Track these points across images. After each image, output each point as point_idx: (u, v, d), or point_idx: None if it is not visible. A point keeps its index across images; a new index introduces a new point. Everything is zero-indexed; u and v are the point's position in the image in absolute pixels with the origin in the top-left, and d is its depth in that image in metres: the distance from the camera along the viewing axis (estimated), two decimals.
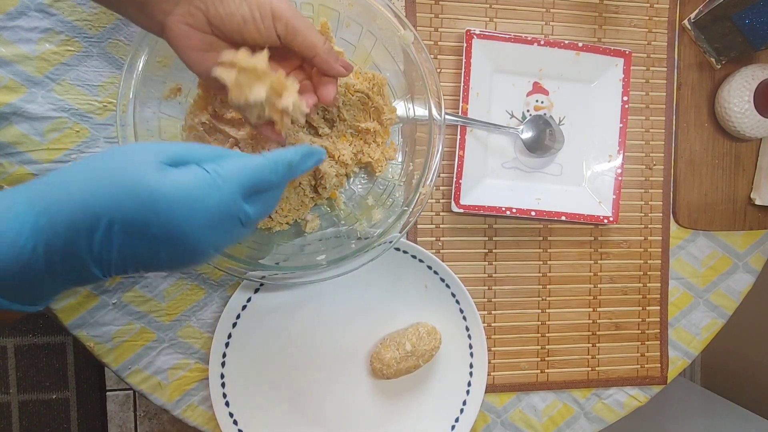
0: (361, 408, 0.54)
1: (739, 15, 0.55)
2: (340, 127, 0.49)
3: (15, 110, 0.48)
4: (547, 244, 0.59)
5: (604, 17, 0.59)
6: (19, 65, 0.48)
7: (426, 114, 0.46)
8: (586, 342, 0.60)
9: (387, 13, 0.45)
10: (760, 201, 0.61)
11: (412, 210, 0.46)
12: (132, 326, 0.51)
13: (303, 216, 0.50)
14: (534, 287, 0.59)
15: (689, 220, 0.61)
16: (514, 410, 0.59)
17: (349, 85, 0.47)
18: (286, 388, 0.53)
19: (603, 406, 0.61)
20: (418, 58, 0.45)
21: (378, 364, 0.52)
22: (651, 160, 0.61)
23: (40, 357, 1.18)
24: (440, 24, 0.56)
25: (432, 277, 0.54)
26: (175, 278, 0.52)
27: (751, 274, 0.64)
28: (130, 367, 0.52)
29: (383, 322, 0.55)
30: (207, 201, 0.28)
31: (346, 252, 0.45)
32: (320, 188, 0.49)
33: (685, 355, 0.63)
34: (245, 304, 0.51)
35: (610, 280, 0.60)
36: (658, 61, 0.60)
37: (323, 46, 0.38)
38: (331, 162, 0.48)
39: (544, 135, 0.57)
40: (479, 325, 0.54)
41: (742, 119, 0.58)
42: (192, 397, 0.53)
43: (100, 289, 0.51)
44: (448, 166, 0.56)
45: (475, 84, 0.55)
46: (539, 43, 0.55)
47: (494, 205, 0.55)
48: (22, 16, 0.48)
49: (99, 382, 1.21)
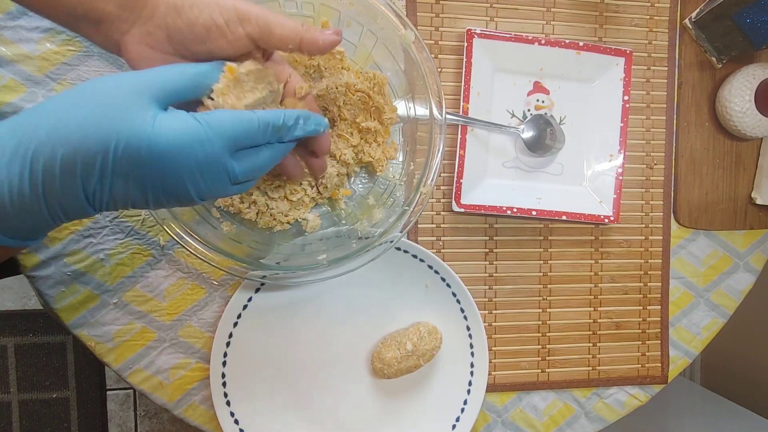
0: (362, 407, 0.55)
1: (740, 14, 0.55)
2: (340, 127, 0.49)
3: (15, 109, 0.48)
4: (548, 243, 0.59)
5: (605, 16, 0.59)
6: (19, 65, 0.48)
7: (427, 113, 0.46)
8: (586, 341, 0.60)
9: (388, 12, 0.45)
10: (761, 200, 0.61)
11: (413, 209, 0.46)
12: (133, 326, 0.51)
13: (304, 215, 0.50)
14: (535, 287, 0.59)
15: (690, 219, 0.61)
16: (515, 410, 0.59)
17: (349, 85, 0.47)
18: (287, 387, 0.53)
19: (603, 405, 0.61)
20: (419, 58, 0.45)
21: (379, 364, 0.52)
22: (652, 160, 0.61)
23: (40, 356, 1.18)
24: (441, 23, 0.56)
25: (433, 277, 0.54)
26: (175, 278, 0.52)
27: (752, 273, 0.64)
28: (131, 366, 0.52)
29: (384, 322, 0.55)
30: (197, 152, 0.29)
31: (346, 251, 0.45)
32: (321, 188, 0.49)
33: (685, 355, 0.63)
34: (246, 303, 0.51)
35: (611, 279, 0.60)
36: (659, 60, 0.60)
37: (303, 28, 0.35)
38: (332, 161, 0.48)
39: (545, 134, 0.57)
40: (480, 325, 0.54)
41: (743, 118, 0.58)
42: (193, 397, 0.53)
43: (101, 288, 0.51)
44: (448, 165, 0.56)
45: (476, 83, 0.55)
46: (540, 43, 0.55)
47: (495, 204, 0.55)
48: (23, 15, 0.48)
49: (99, 382, 1.21)
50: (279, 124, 0.33)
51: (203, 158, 0.30)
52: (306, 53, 0.37)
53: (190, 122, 0.29)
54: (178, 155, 0.29)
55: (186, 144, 0.29)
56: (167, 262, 0.52)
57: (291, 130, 0.35)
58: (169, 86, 0.30)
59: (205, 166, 0.30)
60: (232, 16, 0.33)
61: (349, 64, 0.47)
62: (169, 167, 0.29)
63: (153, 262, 0.51)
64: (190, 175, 0.30)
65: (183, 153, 0.29)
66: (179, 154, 0.29)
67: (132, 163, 0.28)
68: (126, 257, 0.51)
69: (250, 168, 0.33)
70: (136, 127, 0.28)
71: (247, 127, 0.32)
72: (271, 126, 0.33)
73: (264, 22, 0.34)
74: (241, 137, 0.31)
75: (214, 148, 0.30)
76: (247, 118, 0.32)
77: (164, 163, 0.29)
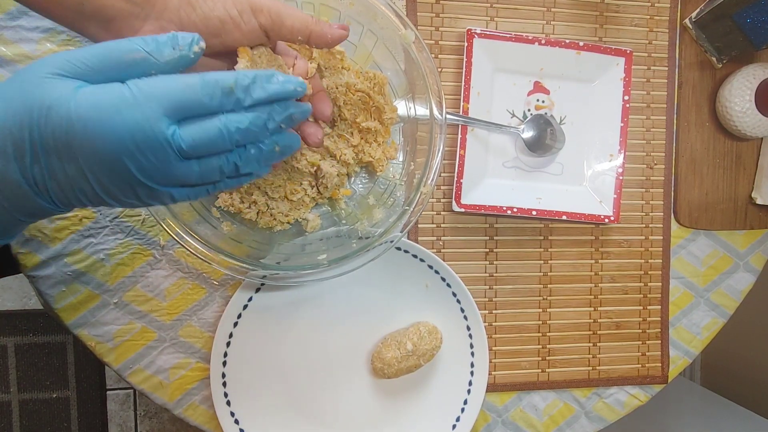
0: (362, 407, 0.55)
1: (740, 14, 0.55)
2: (341, 127, 0.49)
3: None
4: (548, 243, 0.59)
5: (605, 16, 0.59)
6: (20, 65, 0.48)
7: (427, 113, 0.46)
8: (586, 341, 0.60)
9: (388, 12, 0.45)
10: (761, 200, 0.61)
11: (413, 209, 0.46)
12: (133, 326, 0.51)
13: (304, 215, 0.50)
14: (535, 286, 0.59)
15: (690, 219, 0.61)
16: (515, 409, 0.59)
17: (350, 85, 0.47)
18: (288, 387, 0.53)
19: (604, 405, 0.61)
20: (419, 58, 0.45)
21: (379, 364, 0.52)
22: (652, 160, 0.61)
23: (40, 356, 1.18)
24: (441, 23, 0.56)
25: (433, 277, 0.54)
26: (176, 278, 0.52)
27: (752, 273, 0.64)
28: (131, 366, 0.52)
29: (384, 322, 0.55)
30: (125, 117, 0.26)
31: (347, 251, 0.45)
32: (321, 187, 0.49)
33: (685, 355, 0.63)
34: (246, 303, 0.52)
35: (611, 279, 0.60)
36: (659, 60, 0.60)
37: (313, 20, 0.35)
38: (332, 161, 0.48)
39: (545, 134, 0.57)
40: (480, 325, 0.54)
41: (743, 118, 0.58)
42: (193, 397, 0.53)
43: (101, 288, 0.51)
44: (449, 165, 0.56)
45: (476, 83, 0.55)
46: (540, 43, 0.55)
47: (495, 204, 0.55)
48: (23, 15, 0.48)
49: (99, 381, 1.21)
50: (229, 83, 0.28)
51: (133, 125, 0.26)
52: (314, 46, 0.37)
53: (116, 87, 0.26)
54: (104, 122, 0.26)
55: (110, 108, 0.26)
56: (167, 262, 0.52)
57: (249, 90, 0.29)
58: (95, 61, 0.27)
59: (139, 135, 0.26)
60: (246, 7, 0.33)
61: (349, 64, 0.47)
62: (98, 136, 0.26)
63: (153, 262, 0.51)
64: (123, 146, 0.26)
65: (109, 119, 0.26)
66: (106, 120, 0.26)
67: (58, 136, 0.26)
68: (126, 257, 0.51)
69: (199, 138, 0.28)
70: (57, 96, 0.26)
71: (185, 88, 0.27)
72: (219, 86, 0.28)
73: (276, 13, 0.34)
74: (180, 100, 0.27)
75: (144, 112, 0.26)
76: (186, 79, 0.27)
77: (90, 132, 0.26)
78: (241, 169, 0.31)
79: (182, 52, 0.29)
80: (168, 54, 0.28)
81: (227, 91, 0.28)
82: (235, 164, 0.30)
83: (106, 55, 0.27)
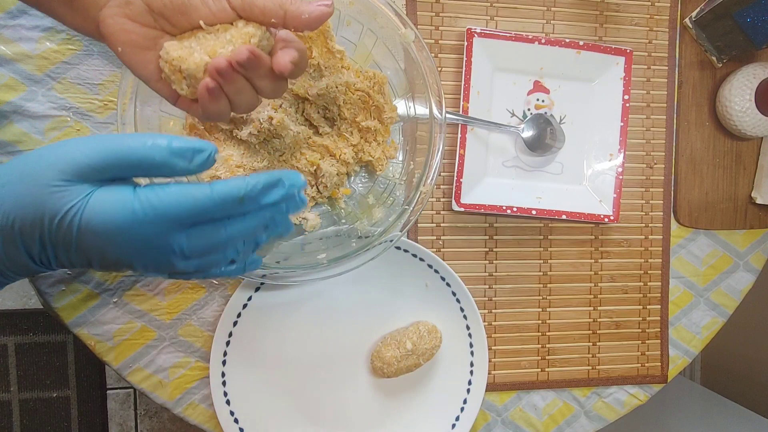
0: (361, 406, 0.55)
1: (741, 13, 0.55)
2: (340, 126, 0.49)
3: (15, 108, 0.48)
4: (548, 243, 0.59)
5: (605, 16, 0.59)
6: (19, 63, 0.48)
7: (427, 112, 0.46)
8: (586, 341, 0.60)
9: (388, 11, 0.45)
10: (761, 200, 0.61)
11: (413, 209, 0.46)
12: (133, 325, 0.51)
13: (303, 214, 0.50)
14: (534, 286, 0.59)
15: (690, 218, 0.61)
16: (515, 409, 0.59)
17: (349, 84, 0.47)
18: (287, 386, 0.53)
19: (603, 404, 0.61)
20: (419, 57, 0.45)
21: (379, 363, 0.52)
22: (652, 159, 0.61)
23: (40, 355, 1.18)
24: (441, 22, 0.56)
25: (433, 276, 0.54)
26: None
27: (752, 273, 0.64)
28: (130, 365, 0.52)
29: (384, 321, 0.55)
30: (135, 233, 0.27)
31: (346, 251, 0.45)
32: (321, 186, 0.49)
33: (685, 354, 0.63)
34: (246, 302, 0.52)
35: (611, 278, 0.60)
36: (659, 59, 0.60)
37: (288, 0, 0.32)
38: (332, 160, 0.48)
39: (545, 134, 0.57)
40: (480, 324, 0.54)
41: (743, 118, 0.58)
42: (193, 396, 0.53)
43: (101, 287, 0.51)
44: (448, 164, 0.56)
45: (476, 82, 0.55)
46: (540, 42, 0.55)
47: (495, 203, 0.55)
48: (23, 14, 0.48)
49: (99, 381, 1.21)
50: (239, 195, 0.28)
51: (143, 240, 0.27)
52: (292, 28, 0.33)
53: (126, 199, 0.27)
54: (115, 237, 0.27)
55: (121, 224, 0.26)
56: None
57: (256, 200, 0.29)
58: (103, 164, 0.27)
59: (146, 247, 0.27)
60: None
61: (349, 63, 0.47)
62: (108, 248, 0.27)
63: None
64: (130, 254, 0.28)
65: (120, 235, 0.27)
66: (117, 236, 0.27)
67: (68, 242, 0.27)
68: None
69: (203, 245, 0.29)
70: (67, 208, 0.26)
71: (195, 203, 0.27)
72: (229, 200, 0.28)
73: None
74: (189, 216, 0.28)
75: (155, 229, 0.27)
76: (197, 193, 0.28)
77: (101, 242, 0.27)
78: (237, 262, 0.32)
79: (192, 166, 0.29)
80: (180, 168, 0.28)
81: (236, 203, 0.29)
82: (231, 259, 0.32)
83: (113, 155, 0.27)
